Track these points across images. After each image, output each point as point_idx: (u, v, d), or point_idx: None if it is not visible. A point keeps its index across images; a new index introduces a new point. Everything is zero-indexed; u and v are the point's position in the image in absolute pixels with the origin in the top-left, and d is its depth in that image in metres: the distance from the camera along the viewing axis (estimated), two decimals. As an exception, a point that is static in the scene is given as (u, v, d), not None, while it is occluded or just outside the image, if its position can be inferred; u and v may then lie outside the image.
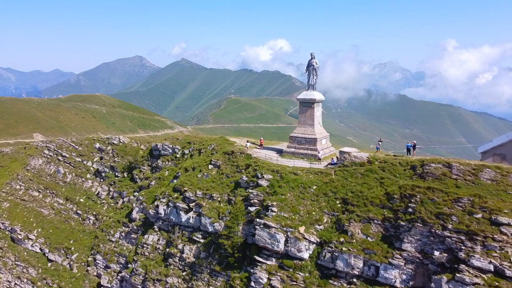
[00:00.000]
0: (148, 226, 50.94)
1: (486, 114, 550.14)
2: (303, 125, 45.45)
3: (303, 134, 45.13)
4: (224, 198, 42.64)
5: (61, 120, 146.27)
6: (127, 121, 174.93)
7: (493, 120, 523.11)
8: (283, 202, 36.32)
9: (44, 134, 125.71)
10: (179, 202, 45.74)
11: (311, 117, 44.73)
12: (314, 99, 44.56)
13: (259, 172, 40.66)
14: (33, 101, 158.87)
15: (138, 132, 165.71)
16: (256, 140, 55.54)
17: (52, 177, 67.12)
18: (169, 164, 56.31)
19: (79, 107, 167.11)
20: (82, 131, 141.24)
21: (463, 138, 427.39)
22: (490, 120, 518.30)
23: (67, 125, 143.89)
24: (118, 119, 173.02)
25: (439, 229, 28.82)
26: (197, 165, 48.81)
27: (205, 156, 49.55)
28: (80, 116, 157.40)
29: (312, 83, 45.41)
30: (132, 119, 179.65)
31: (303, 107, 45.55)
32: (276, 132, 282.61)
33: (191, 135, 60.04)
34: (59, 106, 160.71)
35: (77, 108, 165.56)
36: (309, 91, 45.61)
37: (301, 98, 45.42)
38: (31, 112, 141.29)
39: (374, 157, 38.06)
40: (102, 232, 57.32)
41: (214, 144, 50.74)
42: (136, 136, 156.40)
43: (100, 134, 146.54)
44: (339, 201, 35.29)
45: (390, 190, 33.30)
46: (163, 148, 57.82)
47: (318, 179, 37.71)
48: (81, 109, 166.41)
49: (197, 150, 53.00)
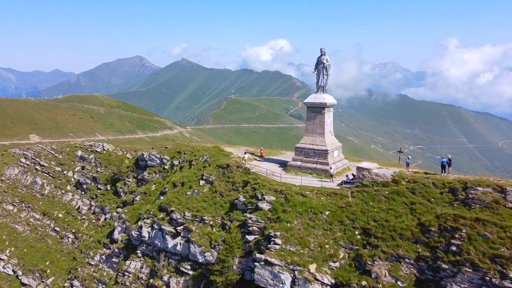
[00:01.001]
0: (131, 250, 44.03)
1: (487, 114, 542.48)
2: (312, 134, 38.42)
3: (312, 145, 38.08)
4: (218, 222, 35.68)
5: (58, 121, 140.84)
6: (126, 122, 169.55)
7: (495, 120, 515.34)
8: (289, 232, 29.34)
9: (41, 135, 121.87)
10: (165, 224, 38.80)
11: (320, 124, 37.73)
12: (324, 104, 37.54)
13: (259, 192, 33.65)
14: (30, 102, 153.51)
15: (136, 133, 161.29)
16: (255, 150, 48.57)
17: (28, 188, 60.22)
18: (156, 177, 49.36)
19: (77, 108, 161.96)
20: (80, 132, 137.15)
21: (464, 138, 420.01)
22: (491, 120, 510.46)
23: (64, 126, 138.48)
24: (117, 119, 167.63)
25: (496, 277, 21.84)
26: (186, 179, 41.81)
27: (196, 170, 42.51)
28: (78, 117, 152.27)
29: (322, 84, 38.40)
30: (131, 120, 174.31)
31: (311, 113, 38.47)
32: (276, 133, 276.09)
33: (182, 143, 52.78)
34: (56, 106, 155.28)
35: (75, 108, 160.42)
36: (319, 93, 38.57)
37: (309, 102, 38.36)
38: (28, 113, 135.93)
39: (400, 175, 31.05)
40: (81, 254, 50.34)
41: (207, 155, 43.71)
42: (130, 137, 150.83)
43: (98, 135, 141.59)
44: (359, 232, 28.28)
45: (425, 220, 26.29)
46: (149, 158, 50.86)
47: (331, 203, 30.72)
48: (79, 109, 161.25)
49: (187, 161, 45.99)
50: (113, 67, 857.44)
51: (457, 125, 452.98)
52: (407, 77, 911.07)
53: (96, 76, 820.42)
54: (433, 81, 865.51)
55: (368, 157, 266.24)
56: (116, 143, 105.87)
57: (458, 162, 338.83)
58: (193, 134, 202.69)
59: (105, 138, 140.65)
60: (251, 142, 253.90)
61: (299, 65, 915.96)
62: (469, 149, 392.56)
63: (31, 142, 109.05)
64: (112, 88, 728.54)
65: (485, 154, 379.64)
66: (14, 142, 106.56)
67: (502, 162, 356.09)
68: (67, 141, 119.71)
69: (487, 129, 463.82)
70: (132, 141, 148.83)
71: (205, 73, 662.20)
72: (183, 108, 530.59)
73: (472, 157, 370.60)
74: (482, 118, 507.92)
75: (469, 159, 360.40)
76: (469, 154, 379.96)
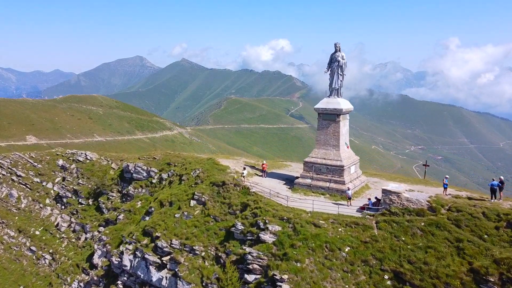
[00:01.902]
0: (112, 279, 37.82)
1: (488, 115, 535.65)
2: (324, 146, 31.93)
3: (324, 160, 31.62)
4: (210, 254, 29.42)
5: (56, 122, 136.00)
6: (125, 123, 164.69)
7: (496, 120, 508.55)
8: (299, 274, 23.12)
9: (38, 136, 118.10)
10: (149, 253, 32.57)
11: (335, 135, 31.29)
12: (339, 110, 31.13)
13: (261, 220, 27.35)
14: (27, 102, 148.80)
15: (135, 134, 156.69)
16: (256, 163, 42.16)
17: (3, 202, 54.05)
18: (143, 192, 43.14)
19: (75, 108, 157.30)
20: (78, 133, 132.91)
21: (465, 139, 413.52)
22: (492, 120, 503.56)
23: (62, 127, 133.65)
24: (116, 120, 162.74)
25: None
26: (175, 198, 35.51)
27: (186, 186, 36.15)
28: (76, 118, 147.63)
29: (336, 86, 31.77)
30: (130, 120, 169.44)
31: (323, 121, 31.89)
32: (277, 133, 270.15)
33: (172, 154, 46.48)
34: (54, 107, 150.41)
35: (73, 109, 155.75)
36: (332, 97, 32.08)
37: (321, 108, 31.84)
38: (25, 113, 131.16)
39: (438, 201, 24.78)
40: (57, 279, 44.11)
41: (199, 169, 37.26)
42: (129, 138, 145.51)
43: (97, 136, 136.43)
44: (389, 276, 22.03)
45: (479, 266, 20.03)
46: (135, 170, 44.63)
47: (352, 236, 24.45)
48: (77, 110, 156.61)
49: (177, 175, 39.70)
50: (114, 67, 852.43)
51: (458, 125, 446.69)
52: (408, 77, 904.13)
53: (97, 76, 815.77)
54: (434, 81, 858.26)
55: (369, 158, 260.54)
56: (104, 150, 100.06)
57: (459, 163, 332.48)
58: (192, 135, 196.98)
59: (104, 139, 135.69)
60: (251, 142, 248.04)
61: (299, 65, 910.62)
62: (470, 149, 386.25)
63: (27, 143, 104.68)
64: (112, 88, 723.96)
65: (486, 155, 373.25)
66: (11, 144, 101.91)
67: (503, 163, 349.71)
68: (64, 142, 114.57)
69: (488, 129, 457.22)
70: (130, 142, 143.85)
71: (206, 73, 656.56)
72: (183, 108, 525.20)
73: (473, 158, 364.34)
74: (483, 118, 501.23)
75: (470, 160, 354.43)
76: (470, 154, 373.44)
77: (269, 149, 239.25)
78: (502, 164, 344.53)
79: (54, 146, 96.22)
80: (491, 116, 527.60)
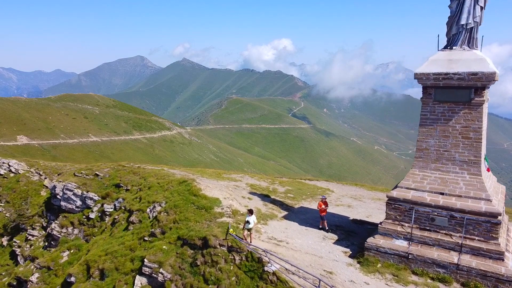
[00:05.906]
0: None
1: (492, 115, 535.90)
2: (438, 161, 14.40)
3: (442, 196, 13.87)
4: None
5: (49, 121, 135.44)
6: (122, 122, 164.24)
7: (499, 120, 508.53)
8: None
9: (30, 136, 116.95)
10: None
11: (469, 135, 14.10)
12: (487, 75, 13.07)
13: None
14: (20, 101, 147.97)
15: (133, 134, 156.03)
16: (271, 186, 25.56)
17: None
18: (74, 233, 26.79)
19: (70, 107, 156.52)
20: (72, 133, 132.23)
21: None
22: (496, 120, 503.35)
23: (55, 127, 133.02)
24: (112, 120, 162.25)
25: None
26: (112, 264, 18.74)
27: (135, 238, 19.84)
28: (70, 117, 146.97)
29: (469, 21, 13.61)
30: (127, 120, 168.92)
31: (438, 106, 14.37)
32: (278, 133, 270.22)
33: (127, 167, 30.46)
34: (48, 106, 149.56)
35: (68, 108, 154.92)
36: (458, 48, 14.23)
37: (435, 73, 13.96)
38: (17, 112, 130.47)
39: None
40: None
41: (163, 202, 21.22)
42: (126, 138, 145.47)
43: (92, 136, 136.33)
44: None
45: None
46: (64, 196, 28.47)
47: None
48: (72, 109, 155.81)
49: (126, 211, 23.76)
50: (114, 67, 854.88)
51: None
52: (410, 78, 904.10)
53: (97, 76, 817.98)
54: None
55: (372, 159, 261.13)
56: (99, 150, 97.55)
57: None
58: (192, 135, 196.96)
59: (99, 139, 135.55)
60: (253, 143, 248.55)
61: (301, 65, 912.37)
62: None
63: (18, 143, 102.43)
64: (113, 88, 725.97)
65: (490, 155, 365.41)
66: (0, 144, 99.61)
67: (507, 164, 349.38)
68: (58, 143, 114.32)
69: (492, 129, 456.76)
70: (127, 142, 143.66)
71: (207, 73, 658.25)
72: (184, 108, 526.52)
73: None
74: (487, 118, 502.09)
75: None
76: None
77: (270, 150, 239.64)
78: (507, 165, 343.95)
79: (46, 147, 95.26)
80: (494, 116, 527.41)
